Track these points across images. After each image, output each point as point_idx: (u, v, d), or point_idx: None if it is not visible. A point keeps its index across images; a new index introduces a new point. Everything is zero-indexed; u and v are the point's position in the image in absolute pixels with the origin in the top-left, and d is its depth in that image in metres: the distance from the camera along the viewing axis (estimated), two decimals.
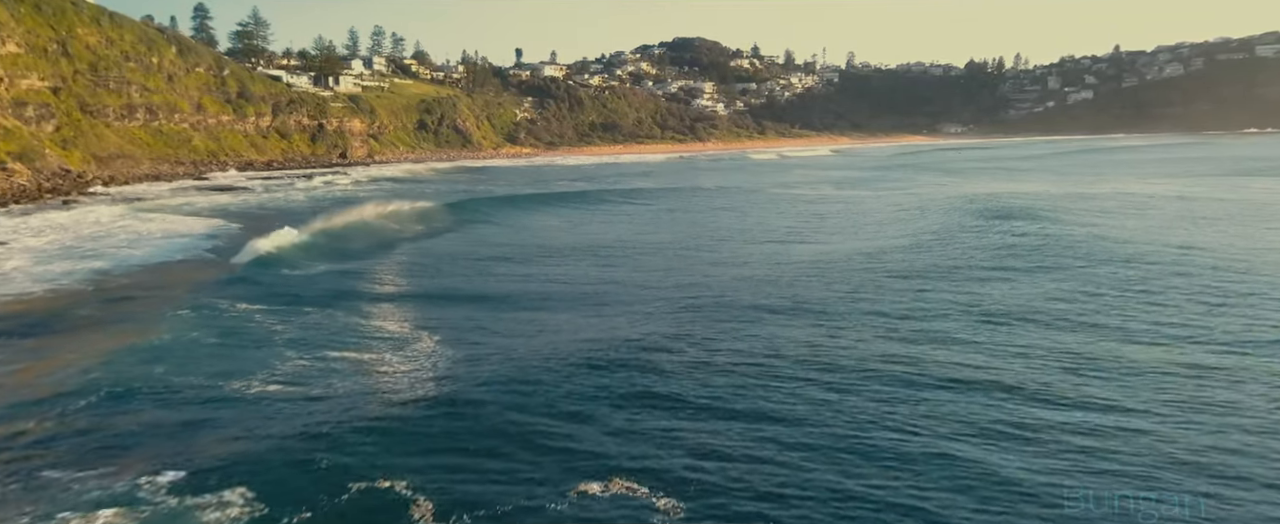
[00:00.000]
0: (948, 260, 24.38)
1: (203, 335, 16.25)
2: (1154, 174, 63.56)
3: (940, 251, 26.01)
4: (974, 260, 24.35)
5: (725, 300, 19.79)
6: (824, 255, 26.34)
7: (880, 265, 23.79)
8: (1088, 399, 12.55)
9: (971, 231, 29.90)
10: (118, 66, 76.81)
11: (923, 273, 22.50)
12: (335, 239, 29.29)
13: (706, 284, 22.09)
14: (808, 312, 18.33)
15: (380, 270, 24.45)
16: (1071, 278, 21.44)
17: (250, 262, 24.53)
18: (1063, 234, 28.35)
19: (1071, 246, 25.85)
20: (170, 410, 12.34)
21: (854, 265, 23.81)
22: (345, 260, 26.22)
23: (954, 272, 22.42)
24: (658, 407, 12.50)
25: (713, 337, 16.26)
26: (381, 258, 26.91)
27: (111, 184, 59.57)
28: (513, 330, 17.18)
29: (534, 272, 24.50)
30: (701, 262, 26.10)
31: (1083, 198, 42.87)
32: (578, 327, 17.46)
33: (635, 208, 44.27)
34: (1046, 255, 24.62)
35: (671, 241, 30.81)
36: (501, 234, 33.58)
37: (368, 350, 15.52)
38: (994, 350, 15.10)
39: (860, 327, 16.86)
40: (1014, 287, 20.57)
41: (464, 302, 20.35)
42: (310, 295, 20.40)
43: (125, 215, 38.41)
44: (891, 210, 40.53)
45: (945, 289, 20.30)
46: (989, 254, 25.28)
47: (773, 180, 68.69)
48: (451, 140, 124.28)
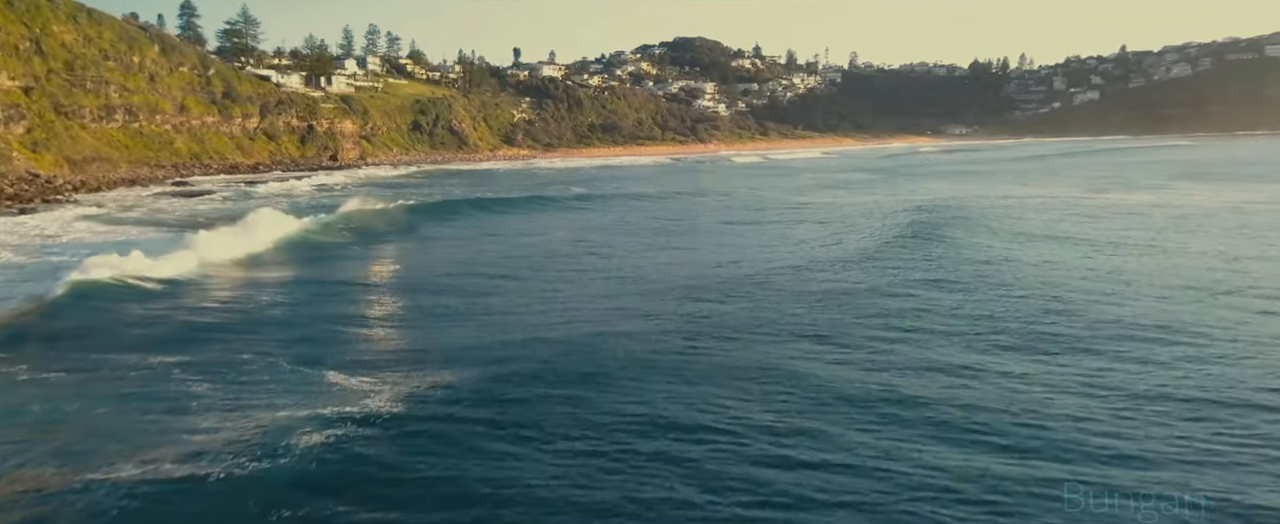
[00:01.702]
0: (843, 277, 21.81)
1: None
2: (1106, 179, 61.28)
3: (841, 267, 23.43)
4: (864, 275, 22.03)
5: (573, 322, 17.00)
6: (701, 269, 23.77)
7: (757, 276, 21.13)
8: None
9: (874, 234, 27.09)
10: (95, 65, 73.69)
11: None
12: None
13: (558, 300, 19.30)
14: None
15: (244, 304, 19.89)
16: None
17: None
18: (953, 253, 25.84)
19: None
20: None
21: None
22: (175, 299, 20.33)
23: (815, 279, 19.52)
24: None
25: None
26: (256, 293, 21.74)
27: (82, 189, 56.36)
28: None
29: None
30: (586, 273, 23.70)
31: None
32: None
33: (553, 217, 41.27)
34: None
35: (566, 254, 28.09)
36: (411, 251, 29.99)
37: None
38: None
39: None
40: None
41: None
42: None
43: (75, 225, 35.13)
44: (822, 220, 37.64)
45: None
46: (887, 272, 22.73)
47: (731, 184, 66.17)
48: (447, 142, 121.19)
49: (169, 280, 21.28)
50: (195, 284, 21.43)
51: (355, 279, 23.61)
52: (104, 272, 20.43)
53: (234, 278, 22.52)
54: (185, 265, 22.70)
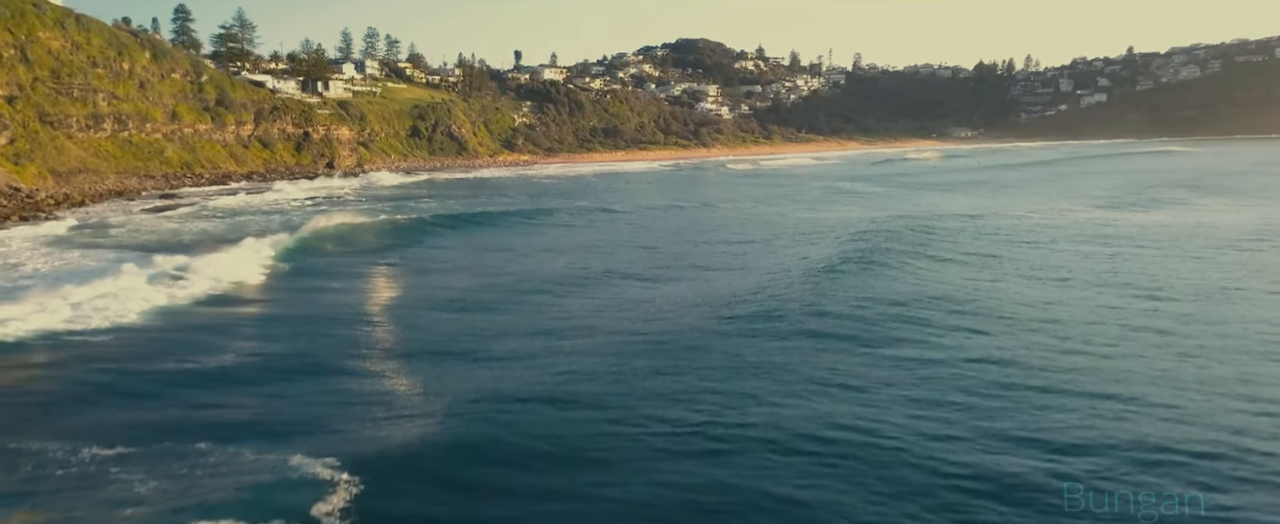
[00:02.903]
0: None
1: None
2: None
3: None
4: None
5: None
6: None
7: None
8: None
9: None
10: (83, 73, 71.68)
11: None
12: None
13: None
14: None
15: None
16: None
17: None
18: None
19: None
20: None
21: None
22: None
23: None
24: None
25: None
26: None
27: (65, 204, 54.26)
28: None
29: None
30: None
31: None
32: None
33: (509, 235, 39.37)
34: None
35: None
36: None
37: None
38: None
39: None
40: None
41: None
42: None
43: (39, 247, 32.89)
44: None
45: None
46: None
47: (735, 194, 64.03)
48: (446, 147, 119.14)
49: (109, 330, 19.31)
50: (135, 334, 19.35)
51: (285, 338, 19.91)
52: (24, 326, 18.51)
53: (177, 327, 20.36)
54: (127, 309, 20.82)
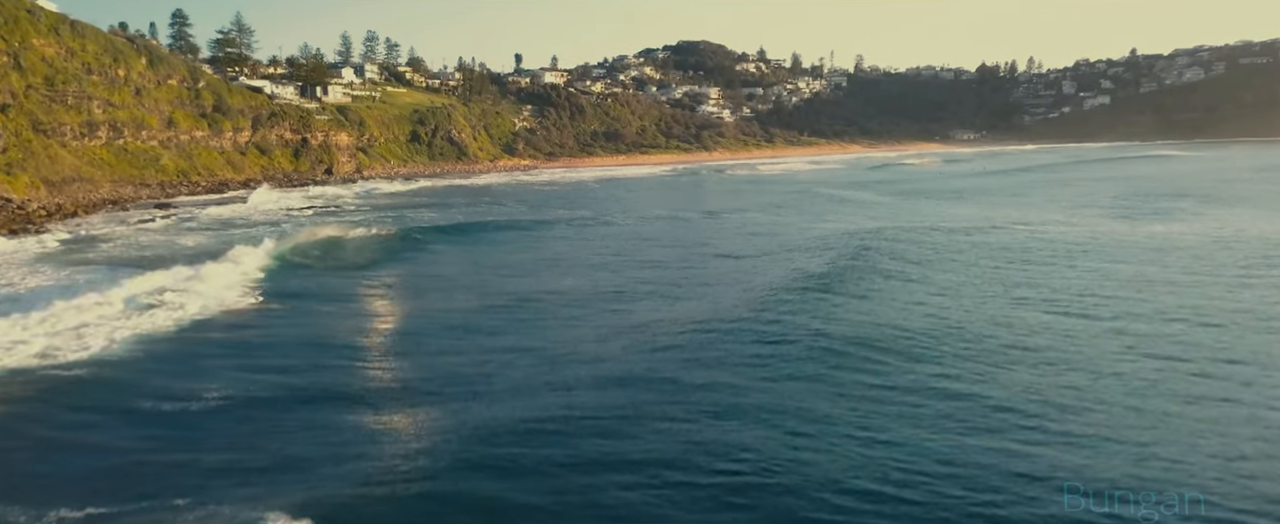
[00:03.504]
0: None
1: None
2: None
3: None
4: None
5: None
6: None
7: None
8: None
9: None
10: (78, 80, 70.72)
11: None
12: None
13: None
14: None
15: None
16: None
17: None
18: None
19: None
20: None
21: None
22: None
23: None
24: None
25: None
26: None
27: (57, 215, 53.31)
28: None
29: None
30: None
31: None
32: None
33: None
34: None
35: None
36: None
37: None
38: None
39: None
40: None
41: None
42: None
43: (25, 264, 31.90)
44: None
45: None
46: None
47: (741, 202, 63.28)
48: (446, 152, 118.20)
49: (85, 363, 18.35)
50: (111, 368, 18.33)
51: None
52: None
53: (156, 358, 19.34)
54: (105, 337, 19.94)
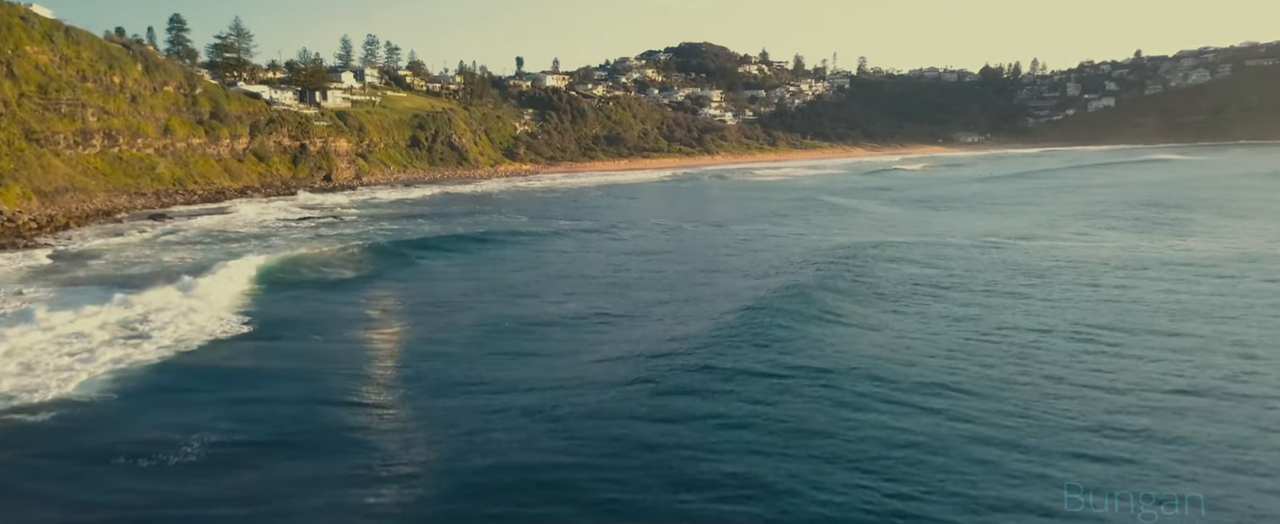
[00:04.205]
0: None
1: None
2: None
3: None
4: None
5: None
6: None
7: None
8: None
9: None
10: (72, 88, 69.72)
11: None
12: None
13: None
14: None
15: None
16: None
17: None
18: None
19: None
20: None
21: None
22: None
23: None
24: None
25: None
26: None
27: (47, 227, 52.26)
28: None
29: None
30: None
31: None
32: None
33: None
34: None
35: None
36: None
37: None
38: None
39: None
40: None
41: None
42: None
43: (6, 284, 30.74)
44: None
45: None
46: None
47: (747, 210, 62.43)
48: (446, 158, 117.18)
49: (55, 403, 17.32)
50: (84, 410, 17.26)
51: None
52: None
53: (133, 397, 18.29)
54: (81, 373, 19.11)
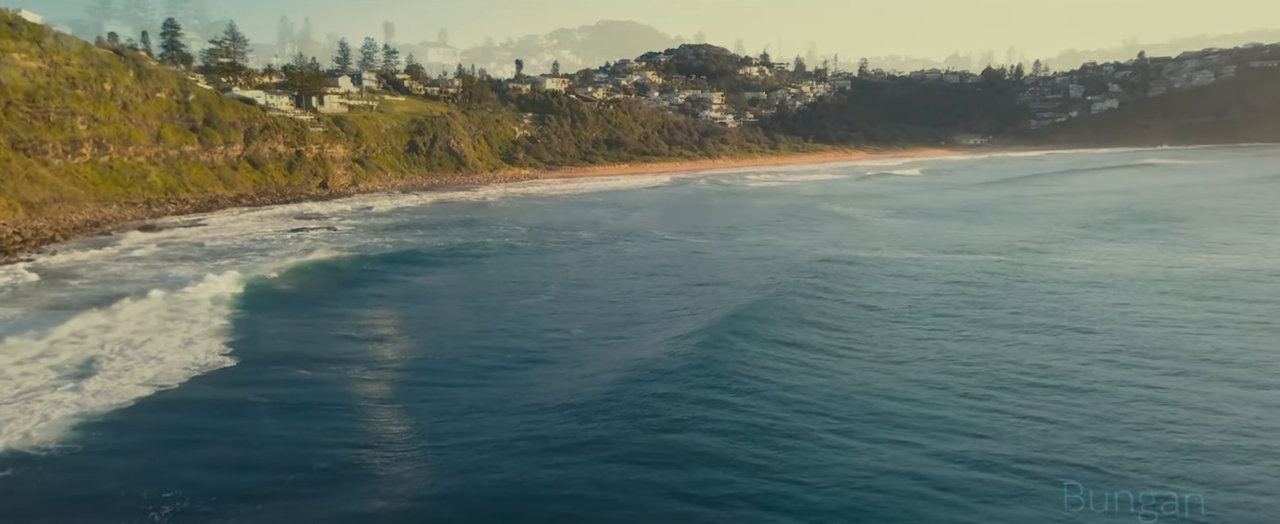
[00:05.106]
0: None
1: None
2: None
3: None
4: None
5: None
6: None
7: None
8: None
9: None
10: (61, 95, 68.32)
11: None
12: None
13: None
14: None
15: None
16: None
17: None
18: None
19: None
20: None
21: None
22: None
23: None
24: None
25: None
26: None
27: (32, 241, 50.76)
28: None
29: None
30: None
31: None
32: None
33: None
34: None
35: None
36: None
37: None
38: None
39: None
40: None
41: None
42: None
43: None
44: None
45: None
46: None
47: (749, 217, 61.60)
48: (445, 163, 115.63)
49: (6, 458, 15.98)
50: (40, 467, 15.85)
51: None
52: None
53: (95, 451, 16.96)
54: (41, 420, 17.90)
